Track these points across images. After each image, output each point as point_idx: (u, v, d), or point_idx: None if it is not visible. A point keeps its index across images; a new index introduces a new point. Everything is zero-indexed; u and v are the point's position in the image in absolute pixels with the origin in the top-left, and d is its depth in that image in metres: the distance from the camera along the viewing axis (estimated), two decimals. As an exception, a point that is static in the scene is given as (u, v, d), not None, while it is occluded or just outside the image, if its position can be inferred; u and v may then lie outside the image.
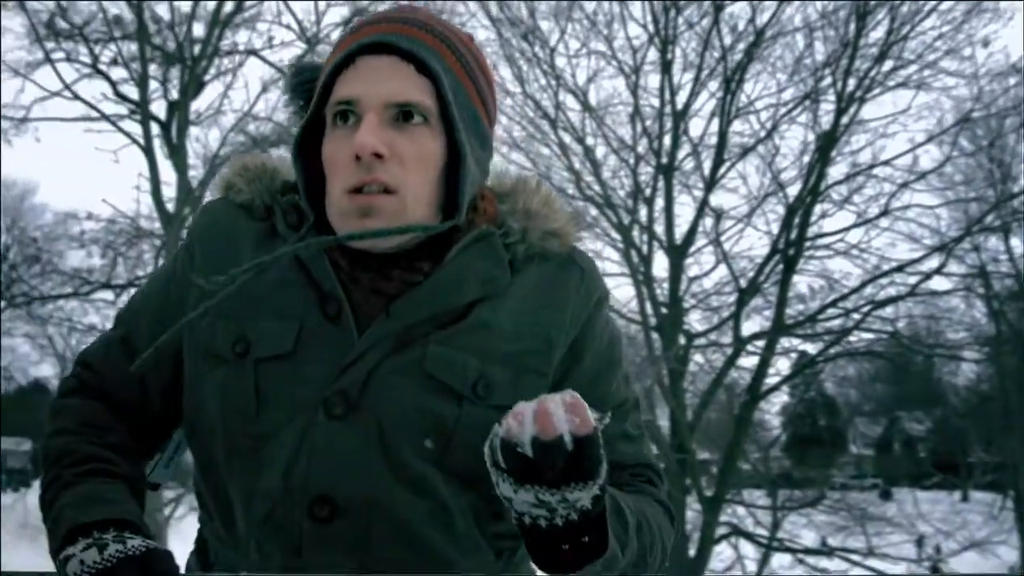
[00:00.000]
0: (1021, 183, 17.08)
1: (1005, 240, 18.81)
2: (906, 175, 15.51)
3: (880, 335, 16.49)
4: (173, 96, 15.80)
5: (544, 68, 15.39)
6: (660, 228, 15.78)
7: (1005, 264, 19.39)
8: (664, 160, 15.49)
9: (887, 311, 16.09)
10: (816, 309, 15.84)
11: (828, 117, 15.32)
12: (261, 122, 16.19)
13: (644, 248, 15.73)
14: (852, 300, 15.70)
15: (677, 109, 15.44)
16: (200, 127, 16.35)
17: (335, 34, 14.78)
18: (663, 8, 15.16)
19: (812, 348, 16.54)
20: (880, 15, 15.13)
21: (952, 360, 20.89)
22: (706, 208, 15.54)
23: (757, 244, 15.89)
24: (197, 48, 15.98)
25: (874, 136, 15.64)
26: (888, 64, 15.31)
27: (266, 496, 1.92)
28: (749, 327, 16.13)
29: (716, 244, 15.68)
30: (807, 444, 31.16)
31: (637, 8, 15.47)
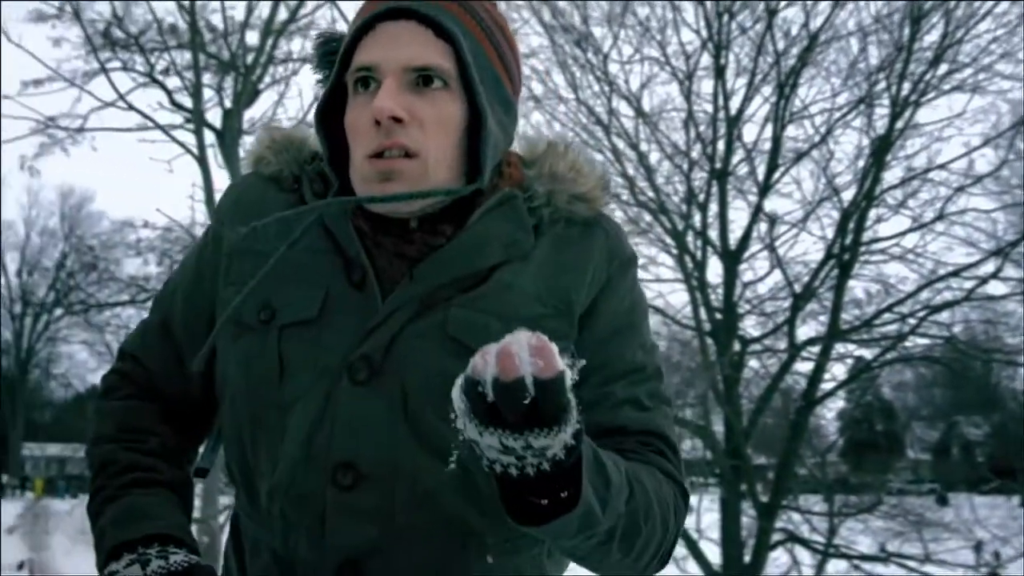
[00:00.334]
0: (1079, 186, 16.93)
1: (1063, 243, 18.68)
2: (962, 179, 15.38)
3: (936, 340, 16.37)
4: (228, 105, 15.89)
5: (597, 74, 15.40)
6: (714, 233, 15.77)
7: (1063, 268, 19.25)
8: (718, 165, 15.45)
9: (943, 316, 15.94)
10: (872, 314, 15.75)
11: (883, 121, 15.24)
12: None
13: (698, 254, 15.69)
14: (908, 305, 15.60)
15: (731, 114, 15.40)
16: (255, 136, 16.42)
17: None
18: (716, 13, 15.13)
19: (868, 353, 16.47)
20: (935, 19, 15.02)
21: (1010, 365, 20.71)
22: (760, 213, 15.49)
23: (812, 249, 15.79)
24: (251, 57, 16.07)
25: (929, 140, 15.53)
26: (943, 68, 15.19)
27: (289, 464, 1.93)
28: (805, 332, 16.08)
29: (770, 249, 15.64)
30: (864, 449, 30.97)
31: (690, 13, 15.38)
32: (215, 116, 15.89)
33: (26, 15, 13.06)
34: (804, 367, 15.95)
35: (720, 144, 15.54)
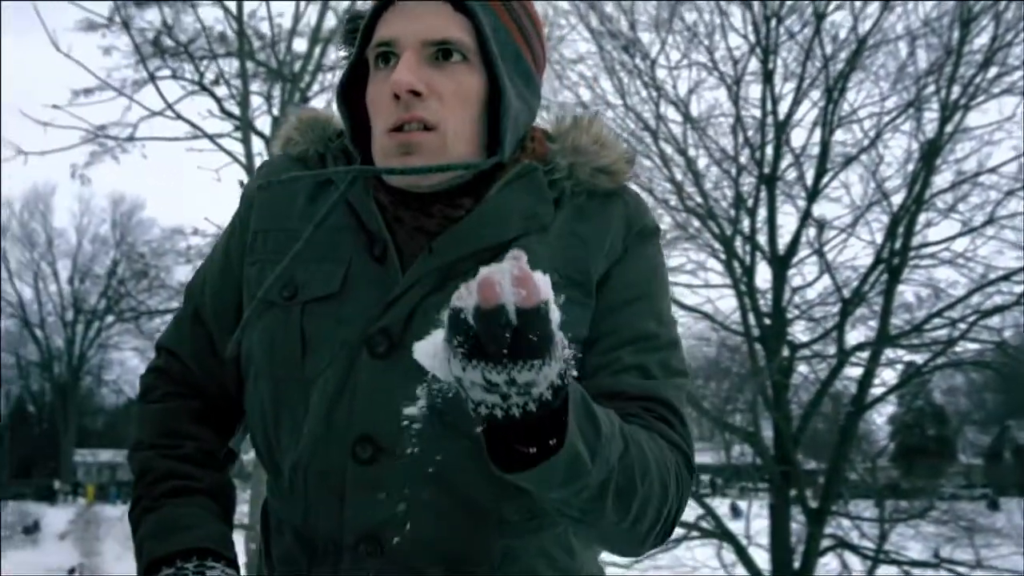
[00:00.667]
0: None
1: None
2: (1012, 183, 15.28)
3: (987, 345, 16.26)
4: (276, 112, 15.96)
5: (645, 80, 15.39)
6: (763, 239, 15.71)
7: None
8: (766, 170, 15.42)
9: (994, 320, 15.84)
10: (921, 319, 15.66)
11: (932, 125, 15.17)
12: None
13: (747, 259, 15.65)
14: (958, 310, 15.49)
15: (779, 119, 15.36)
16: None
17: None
18: (764, 18, 15.09)
19: (919, 358, 16.38)
20: (984, 21, 14.95)
21: (1062, 370, 20.56)
22: (809, 218, 15.44)
23: (861, 254, 15.72)
24: (298, 64, 16.13)
25: (979, 144, 15.45)
26: (992, 71, 15.11)
27: (310, 439, 1.95)
28: (855, 337, 16.01)
29: (819, 254, 15.58)
30: (915, 454, 30.83)
31: (738, 18, 15.35)
32: (264, 124, 16.00)
33: (76, 24, 13.14)
34: (854, 372, 15.91)
35: (768, 149, 15.51)
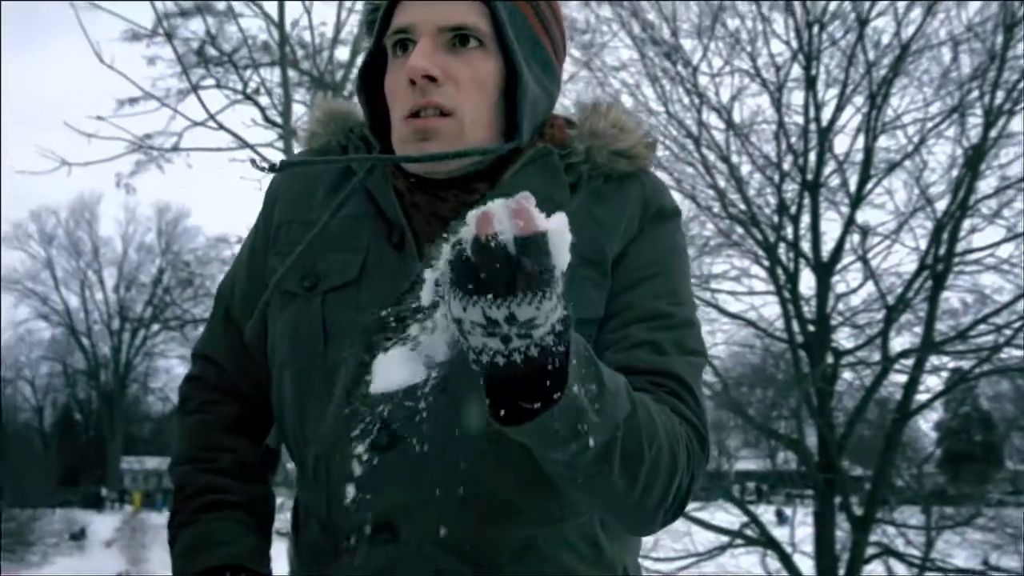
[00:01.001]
0: None
1: None
2: (1057, 188, 15.20)
3: (1033, 351, 16.15)
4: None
5: (687, 87, 15.35)
6: (806, 245, 15.65)
7: None
8: (809, 177, 15.34)
9: (1041, 326, 15.76)
10: (967, 325, 15.57)
11: (976, 131, 15.04)
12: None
13: (790, 266, 15.60)
14: (1004, 315, 15.38)
15: (822, 125, 15.29)
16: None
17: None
18: (806, 24, 15.05)
19: (965, 364, 16.26)
20: (1028, 26, 14.88)
21: (1109, 375, 20.39)
22: (853, 224, 15.38)
23: (905, 260, 15.62)
24: (340, 73, 16.16)
25: (1024, 148, 15.37)
26: (1037, 75, 15.04)
27: (331, 427, 1.97)
28: (900, 343, 15.92)
29: (863, 261, 15.51)
30: (962, 460, 30.62)
31: (780, 25, 15.29)
32: (307, 133, 15.93)
33: (120, 35, 13.23)
34: (899, 378, 15.82)
35: (812, 155, 15.42)
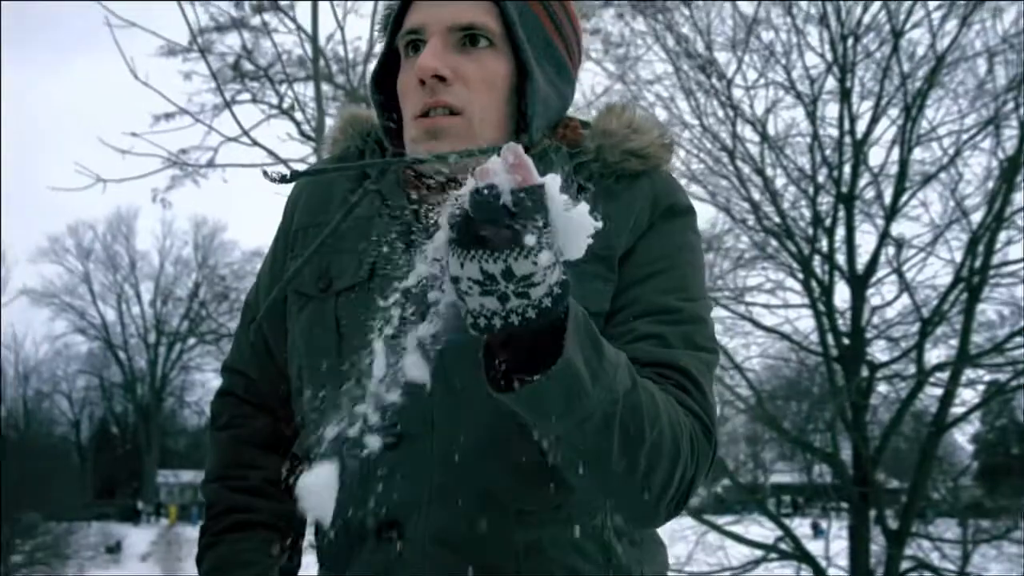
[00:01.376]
0: None
1: None
2: (1094, 200, 15.11)
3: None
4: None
5: (721, 99, 15.33)
6: (841, 258, 15.60)
7: None
8: (844, 189, 15.31)
9: (1077, 339, 15.66)
10: (1002, 338, 15.48)
11: (1012, 142, 14.96)
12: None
13: (825, 279, 15.55)
14: (1039, 329, 15.31)
15: (857, 138, 15.25)
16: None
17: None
18: (840, 36, 15.02)
19: (1002, 376, 16.17)
20: (1064, 36, 14.81)
21: None
22: (888, 237, 15.32)
23: (941, 272, 15.55)
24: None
25: (1060, 159, 15.27)
26: (1073, 86, 14.96)
27: (338, 425, 1.93)
28: (936, 355, 15.85)
29: (898, 273, 15.46)
30: (999, 473, 30.44)
31: (814, 37, 15.27)
32: (342, 147, 15.94)
33: (157, 50, 13.27)
34: (935, 391, 15.73)
35: (847, 168, 15.38)
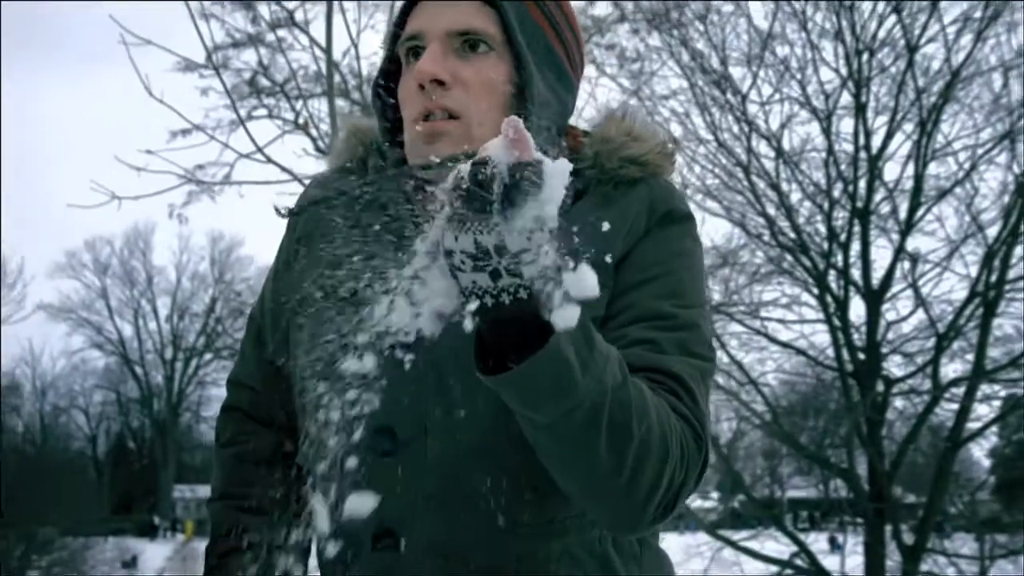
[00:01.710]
0: None
1: None
2: (1110, 214, 15.06)
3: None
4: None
5: (737, 115, 15.33)
6: (856, 273, 15.59)
7: None
8: (859, 204, 15.29)
9: (1093, 353, 15.61)
10: (1019, 353, 15.42)
11: (1027, 157, 14.98)
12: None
13: (840, 294, 15.53)
14: (1055, 344, 15.27)
15: (872, 152, 15.25)
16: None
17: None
18: (855, 51, 15.02)
19: (1019, 391, 16.12)
20: (1080, 50, 14.78)
21: None
22: (903, 252, 15.30)
23: (956, 287, 15.53)
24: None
25: (1075, 175, 15.23)
26: (1088, 101, 14.93)
27: (335, 433, 1.95)
28: (952, 370, 15.81)
29: (914, 288, 15.43)
30: (1016, 488, 30.28)
31: (829, 52, 15.26)
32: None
33: (173, 65, 13.30)
34: (952, 405, 15.70)
35: (862, 183, 15.36)
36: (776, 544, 15.94)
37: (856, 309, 15.69)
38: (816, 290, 15.56)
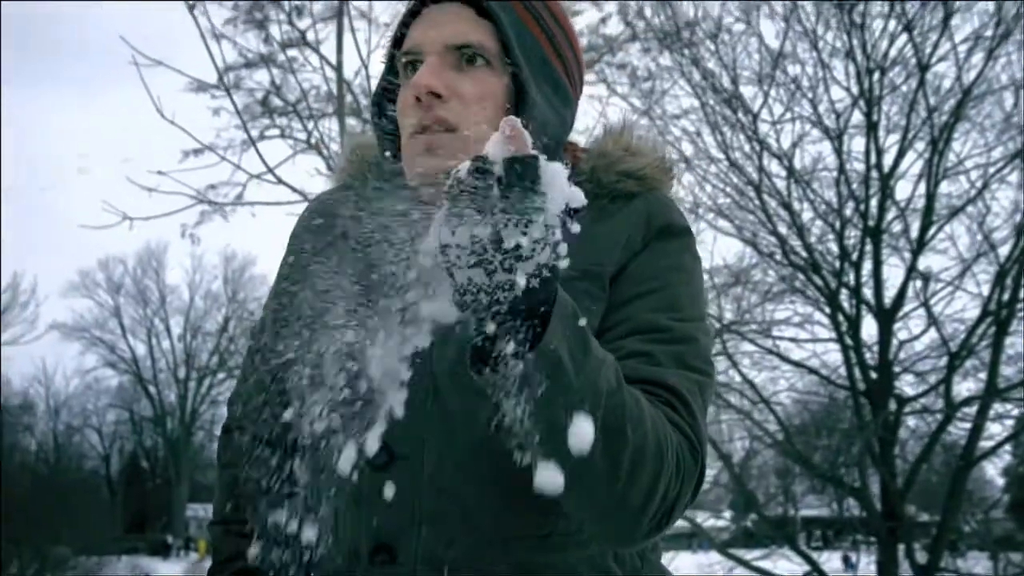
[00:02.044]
0: None
1: None
2: (1122, 233, 15.04)
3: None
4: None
5: (748, 134, 15.33)
6: (868, 292, 15.57)
7: None
8: (871, 223, 15.28)
9: (1106, 372, 15.57)
10: (1030, 372, 15.40)
11: (1039, 175, 14.97)
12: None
13: (852, 312, 15.51)
14: (1068, 362, 15.23)
15: (883, 171, 15.24)
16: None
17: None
18: (867, 70, 15.01)
19: (1030, 410, 16.09)
20: (1091, 69, 14.77)
21: None
22: (915, 271, 15.28)
23: (968, 306, 15.50)
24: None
25: (1088, 193, 15.20)
26: (1100, 119, 14.92)
27: (330, 447, 1.93)
28: (966, 388, 15.78)
29: (926, 307, 15.40)
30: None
31: (840, 71, 15.25)
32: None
33: (185, 86, 13.31)
34: (965, 424, 15.66)
35: (873, 201, 15.36)
36: (789, 563, 15.89)
37: (868, 328, 15.69)
38: (828, 309, 15.54)
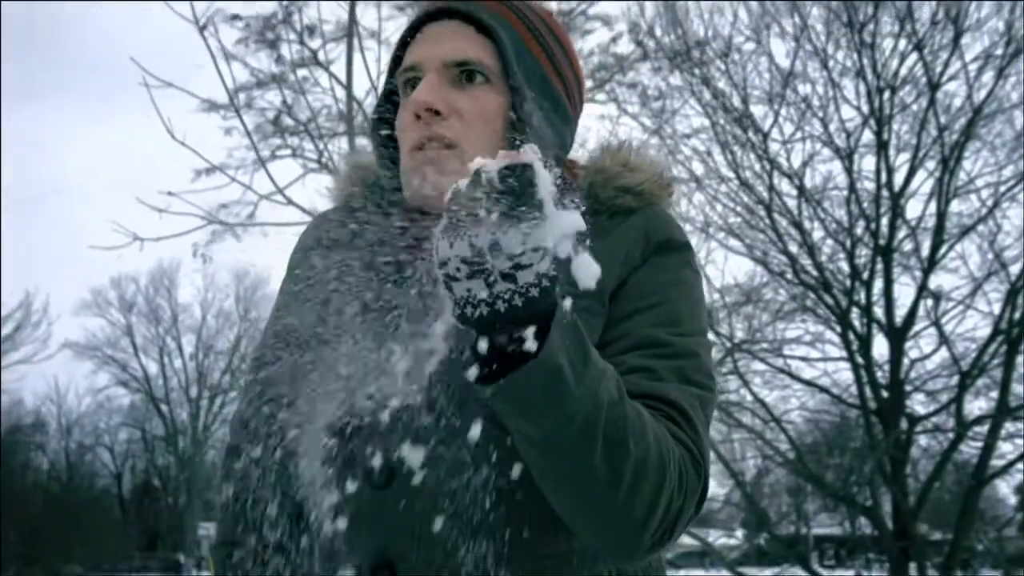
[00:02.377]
0: None
1: None
2: None
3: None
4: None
5: (758, 153, 15.34)
6: (879, 311, 15.56)
7: None
8: (882, 242, 15.29)
9: (1119, 390, 15.54)
10: (1043, 391, 15.38)
11: (1051, 194, 14.96)
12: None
13: (863, 331, 15.50)
14: (1080, 381, 15.21)
15: (894, 190, 15.25)
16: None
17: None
18: (877, 89, 15.03)
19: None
20: (1103, 88, 14.78)
21: None
22: (926, 290, 15.28)
23: (980, 324, 15.48)
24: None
25: (1099, 211, 15.20)
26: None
27: (329, 464, 1.96)
28: (977, 407, 15.76)
29: (937, 326, 15.40)
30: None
31: (851, 91, 15.27)
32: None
33: (197, 106, 13.34)
34: (976, 443, 15.63)
35: (884, 220, 15.38)
36: (799, 582, 15.89)
37: (879, 347, 15.72)
38: (839, 328, 15.56)
